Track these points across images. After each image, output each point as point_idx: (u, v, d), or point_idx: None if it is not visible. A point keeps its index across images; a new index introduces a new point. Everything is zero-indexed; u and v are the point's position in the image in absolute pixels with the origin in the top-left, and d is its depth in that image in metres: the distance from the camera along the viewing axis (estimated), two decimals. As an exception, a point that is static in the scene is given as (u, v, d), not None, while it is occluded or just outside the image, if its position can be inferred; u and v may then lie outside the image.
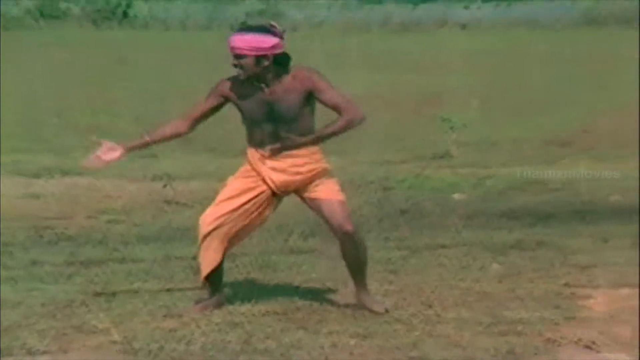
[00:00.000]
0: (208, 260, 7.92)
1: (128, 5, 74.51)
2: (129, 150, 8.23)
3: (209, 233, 7.86)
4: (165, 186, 13.41)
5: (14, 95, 22.37)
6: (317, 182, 7.88)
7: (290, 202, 8.24)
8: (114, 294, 8.56)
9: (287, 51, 7.88)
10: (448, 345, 7.11)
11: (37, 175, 14.64)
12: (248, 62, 7.72)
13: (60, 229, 11.34)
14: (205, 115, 8.12)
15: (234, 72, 7.88)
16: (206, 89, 8.18)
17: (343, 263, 8.19)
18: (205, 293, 8.09)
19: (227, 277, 8.33)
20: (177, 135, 8.19)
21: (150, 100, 20.59)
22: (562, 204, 12.64)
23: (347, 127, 7.94)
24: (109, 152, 8.22)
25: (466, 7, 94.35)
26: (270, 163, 7.83)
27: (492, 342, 7.15)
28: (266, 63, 7.73)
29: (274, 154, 7.75)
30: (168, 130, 8.19)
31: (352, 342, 7.19)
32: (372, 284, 8.20)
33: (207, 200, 8.33)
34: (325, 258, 9.06)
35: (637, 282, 8.78)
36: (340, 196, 7.91)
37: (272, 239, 9.81)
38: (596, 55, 38.75)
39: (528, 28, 67.99)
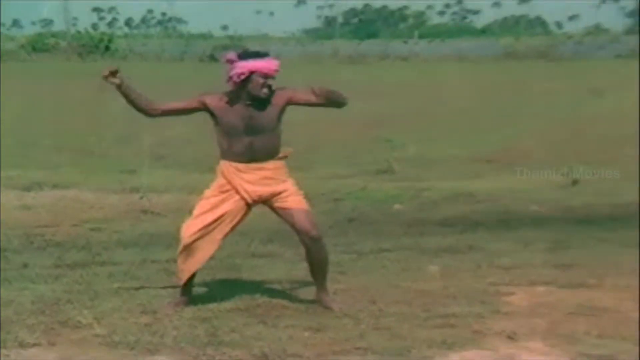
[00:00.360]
0: (188, 267, 7.93)
1: (109, 41, 76.86)
2: (122, 85, 7.94)
3: (189, 245, 7.84)
4: (141, 198, 13.37)
5: (9, 119, 22.31)
6: (285, 193, 7.89)
7: (252, 212, 8.23)
8: (96, 293, 8.50)
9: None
10: (390, 337, 7.14)
11: (28, 189, 14.56)
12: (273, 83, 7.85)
13: (48, 236, 11.26)
14: (176, 111, 8.11)
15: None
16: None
17: (298, 266, 8.22)
18: (180, 294, 8.07)
19: (197, 278, 8.29)
20: (143, 109, 8.01)
21: (128, 123, 20.49)
22: (488, 213, 12.70)
23: (341, 97, 8.06)
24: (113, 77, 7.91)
25: (405, 42, 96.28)
26: (244, 175, 7.81)
27: (428, 334, 7.18)
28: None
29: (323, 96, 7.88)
30: (144, 101, 7.99)
31: (306, 334, 7.21)
32: (324, 283, 8.18)
33: (179, 210, 8.39)
34: (283, 261, 9.07)
35: (552, 280, 8.89)
36: (307, 206, 7.98)
37: (236, 244, 9.76)
38: (515, 85, 39.18)
39: (458, 61, 68.84)
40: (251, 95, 7.71)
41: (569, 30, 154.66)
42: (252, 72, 7.65)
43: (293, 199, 7.88)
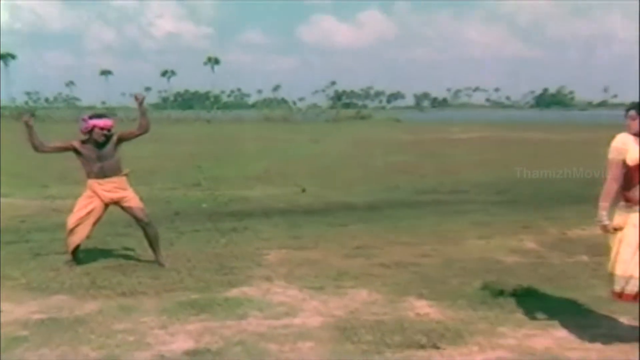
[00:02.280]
0: (72, 242, 7.81)
1: (35, 111, 78.90)
2: (32, 126, 7.72)
3: (72, 229, 7.78)
4: (52, 202, 13.00)
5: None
6: (127, 197, 7.92)
7: (117, 209, 8.01)
8: (22, 259, 8.16)
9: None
10: (198, 281, 7.09)
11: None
12: (111, 132, 7.81)
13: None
14: (58, 149, 7.93)
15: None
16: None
17: (145, 241, 8.04)
18: (70, 258, 7.79)
19: (84, 248, 8.10)
20: (37, 145, 7.74)
21: (43, 158, 19.48)
22: (255, 209, 12.65)
23: (149, 124, 7.93)
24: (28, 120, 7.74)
25: (208, 112, 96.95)
26: (101, 187, 7.80)
27: (220, 278, 7.20)
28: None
29: (140, 99, 7.80)
30: (38, 140, 7.73)
31: (149, 280, 7.11)
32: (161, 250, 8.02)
33: (72, 210, 8.12)
34: (136, 238, 8.82)
35: (289, 246, 8.88)
36: (141, 204, 7.99)
37: (108, 228, 9.41)
38: (270, 136, 39.54)
39: (238, 123, 69.00)
40: (94, 139, 7.76)
41: (300, 105, 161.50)
42: (94, 127, 7.74)
43: (133, 201, 7.92)
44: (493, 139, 37.15)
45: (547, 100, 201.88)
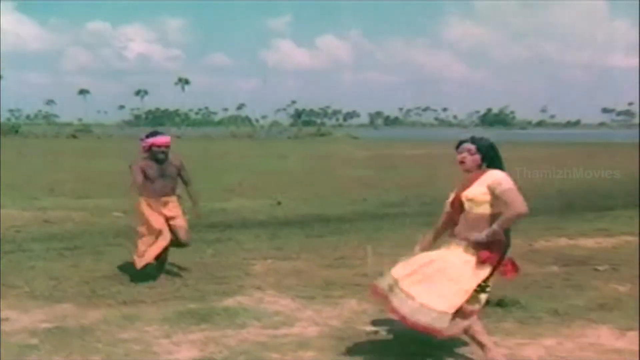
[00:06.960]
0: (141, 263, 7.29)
1: (18, 127, 78.84)
2: None
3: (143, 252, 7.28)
4: (43, 213, 12.70)
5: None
6: (177, 216, 7.47)
7: (104, 219, 7.73)
8: (22, 267, 7.91)
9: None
10: (194, 291, 6.89)
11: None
12: (168, 150, 7.36)
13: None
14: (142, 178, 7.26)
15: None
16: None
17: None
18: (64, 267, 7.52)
19: (79, 260, 7.75)
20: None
21: (32, 173, 19.05)
22: (235, 220, 12.52)
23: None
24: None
25: (179, 128, 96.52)
26: (158, 202, 7.32)
27: (214, 288, 7.01)
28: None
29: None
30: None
31: (146, 290, 6.89)
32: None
33: (64, 220, 7.90)
34: (126, 249, 8.52)
35: (273, 256, 8.70)
36: (186, 225, 7.53)
37: (99, 239, 9.15)
38: (236, 152, 39.23)
39: (205, 139, 68.61)
40: (154, 157, 7.33)
41: (263, 123, 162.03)
42: (152, 145, 7.32)
43: (180, 221, 7.48)
44: (443, 156, 37.40)
45: (491, 120, 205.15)
